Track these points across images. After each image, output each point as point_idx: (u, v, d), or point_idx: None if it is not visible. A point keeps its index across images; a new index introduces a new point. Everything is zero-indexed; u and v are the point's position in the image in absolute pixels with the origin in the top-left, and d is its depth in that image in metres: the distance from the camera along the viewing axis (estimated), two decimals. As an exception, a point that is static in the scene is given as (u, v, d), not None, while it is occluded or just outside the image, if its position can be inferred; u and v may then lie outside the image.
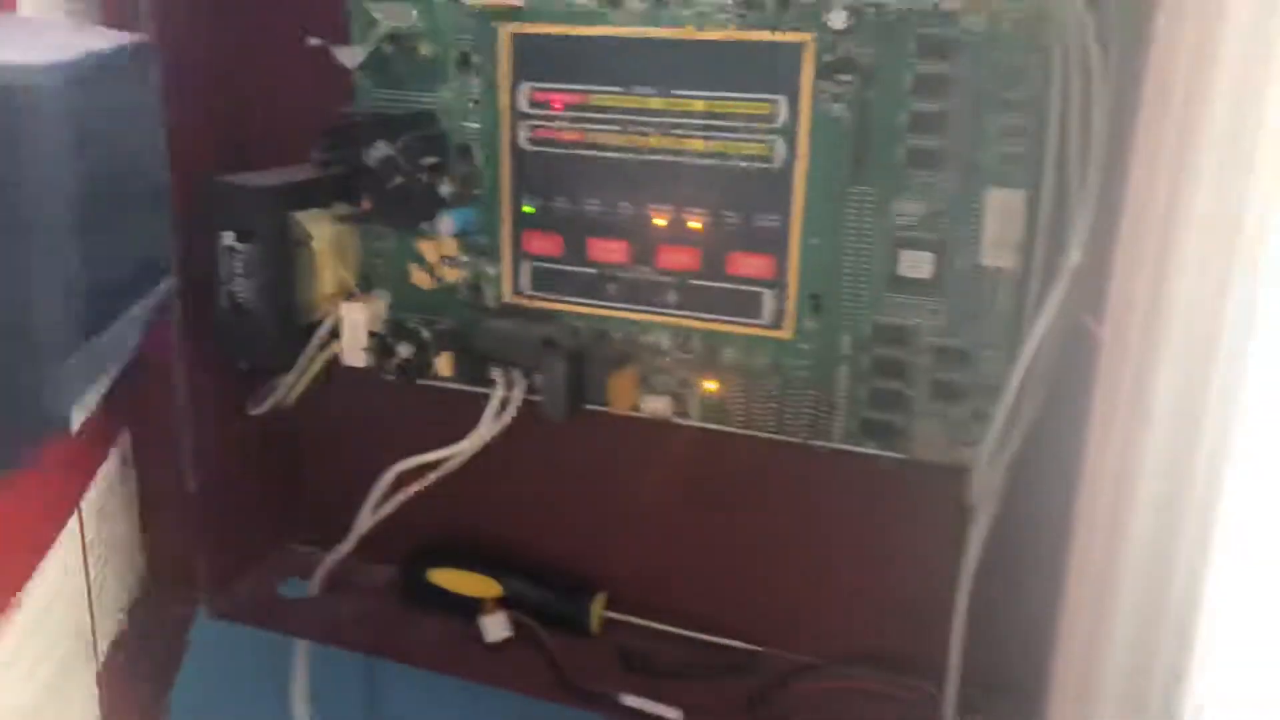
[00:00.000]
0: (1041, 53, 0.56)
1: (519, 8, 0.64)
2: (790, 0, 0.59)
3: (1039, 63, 0.56)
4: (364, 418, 0.76)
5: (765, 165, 0.62)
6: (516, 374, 0.67)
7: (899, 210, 0.60)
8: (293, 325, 0.70)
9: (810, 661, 0.70)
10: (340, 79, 0.70)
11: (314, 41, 0.71)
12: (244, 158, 0.73)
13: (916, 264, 0.60)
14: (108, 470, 0.68)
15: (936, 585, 0.65)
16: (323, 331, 0.70)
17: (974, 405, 0.61)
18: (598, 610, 0.73)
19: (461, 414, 0.70)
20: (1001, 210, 0.59)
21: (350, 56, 0.65)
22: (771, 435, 0.65)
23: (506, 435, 0.69)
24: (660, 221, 0.64)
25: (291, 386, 0.71)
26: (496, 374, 0.68)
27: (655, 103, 0.63)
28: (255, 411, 0.74)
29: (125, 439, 0.70)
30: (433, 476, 0.72)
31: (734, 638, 0.72)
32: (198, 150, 0.70)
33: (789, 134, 0.61)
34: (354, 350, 0.70)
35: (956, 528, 0.64)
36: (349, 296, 0.70)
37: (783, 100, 0.61)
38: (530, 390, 0.68)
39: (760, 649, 0.72)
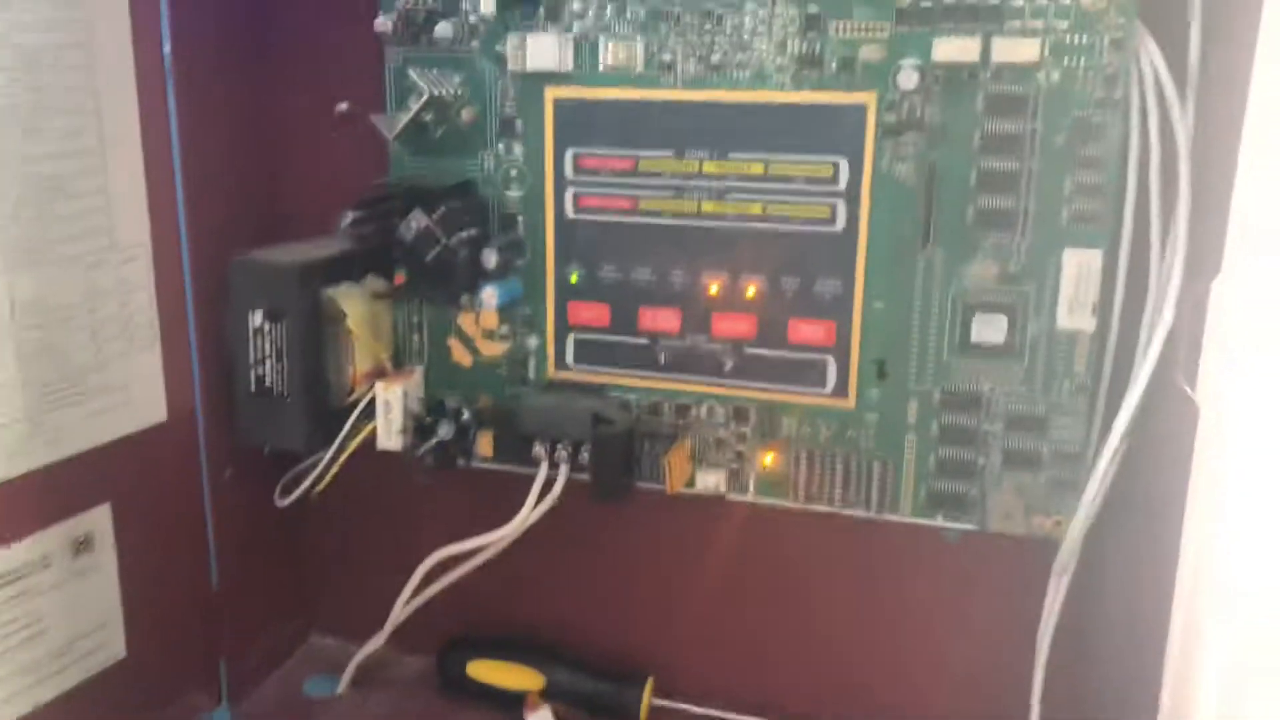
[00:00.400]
0: (1116, 107, 0.55)
1: (565, 73, 0.61)
2: (851, 59, 0.57)
3: (1114, 118, 0.55)
4: (399, 503, 0.73)
5: (826, 229, 0.59)
6: (562, 452, 0.64)
7: (970, 273, 0.58)
8: (326, 409, 0.66)
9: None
10: (375, 148, 0.67)
11: (343, 108, 0.69)
12: (273, 231, 0.70)
13: (990, 328, 0.58)
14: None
15: (1010, 657, 0.62)
16: (357, 414, 0.66)
17: (1050, 473, 0.59)
18: (646, 698, 0.69)
19: (503, 496, 0.66)
20: (1078, 270, 0.56)
21: (388, 125, 0.62)
22: (833, 510, 0.62)
23: (550, 516, 0.66)
24: (715, 289, 0.62)
25: (322, 474, 0.67)
26: (541, 452, 0.64)
27: (710, 166, 0.60)
28: (283, 503, 0.70)
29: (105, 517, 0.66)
30: (472, 563, 0.68)
31: (794, 723, 0.69)
32: (223, 225, 0.67)
33: (851, 196, 0.59)
34: (390, 433, 0.66)
35: (1030, 597, 0.61)
36: (384, 375, 0.67)
37: (844, 161, 0.58)
38: (576, 468, 0.64)
39: (823, 735, 0.68)
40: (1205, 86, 0.54)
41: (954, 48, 0.55)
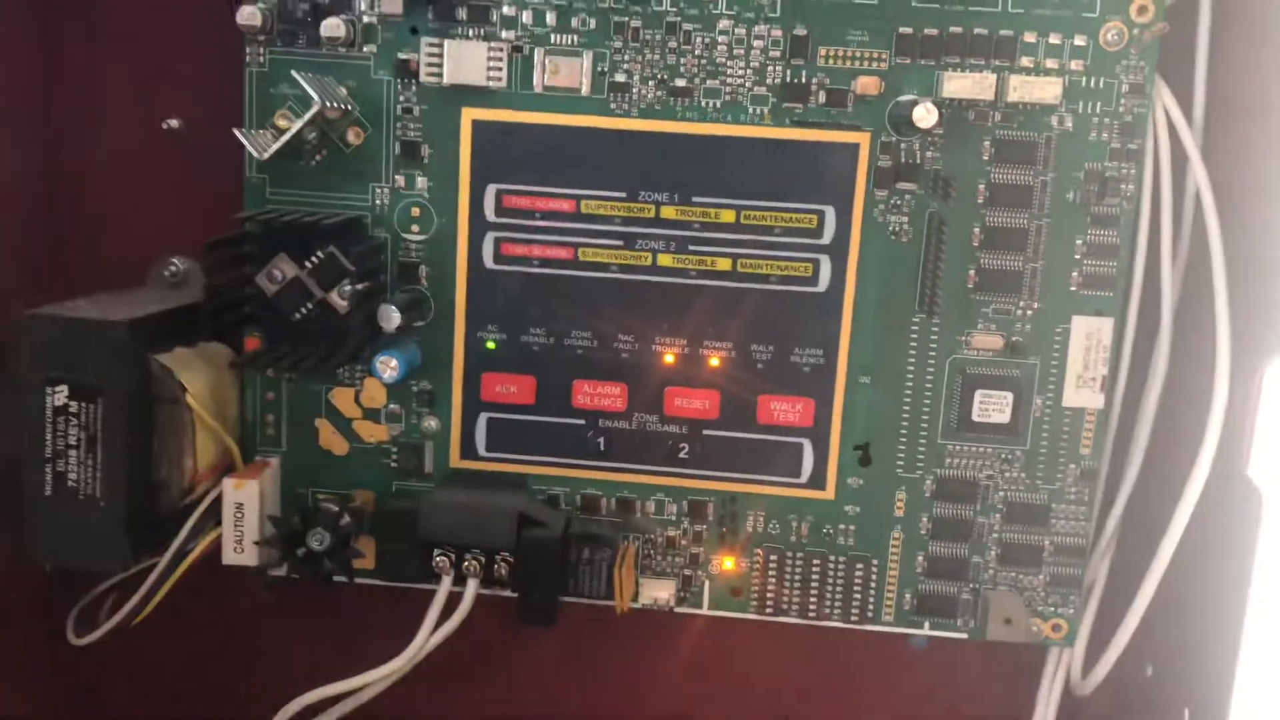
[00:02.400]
0: (1132, 158, 0.49)
1: (491, 91, 0.49)
2: (843, 92, 0.49)
3: (1130, 170, 0.49)
4: (246, 632, 0.56)
5: (807, 289, 0.50)
6: (472, 563, 0.51)
7: (970, 343, 0.50)
8: (151, 517, 0.50)
9: None
10: (219, 177, 0.52)
11: (174, 124, 0.54)
12: (79, 283, 0.53)
13: (994, 406, 0.51)
14: None
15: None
16: (195, 519, 0.50)
17: (1052, 570, 0.52)
18: None
19: (388, 619, 0.52)
20: (1087, 341, 0.50)
21: (258, 143, 0.47)
22: (804, 620, 0.53)
23: (451, 642, 0.52)
24: (670, 358, 0.51)
25: (142, 601, 0.51)
26: (444, 563, 0.51)
27: (669, 212, 0.50)
28: (82, 641, 0.52)
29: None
30: (346, 706, 0.53)
31: None
32: (11, 271, 0.50)
33: (837, 251, 0.50)
34: (243, 544, 0.50)
35: (1024, 708, 0.54)
36: (231, 469, 0.51)
37: (830, 211, 0.50)
38: (490, 582, 0.51)
39: None
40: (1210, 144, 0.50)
41: (967, 83, 0.48)
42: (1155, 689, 0.51)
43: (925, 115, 0.47)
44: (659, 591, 0.52)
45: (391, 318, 0.49)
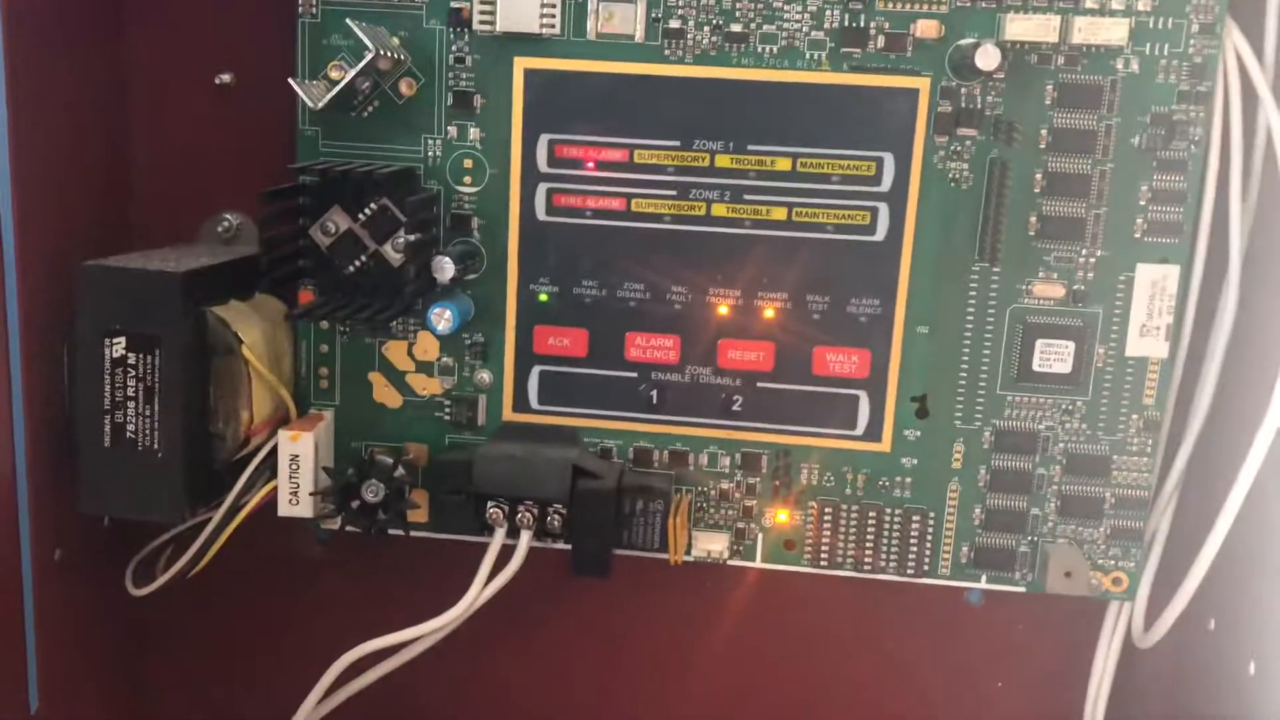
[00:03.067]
0: (1201, 101, 0.48)
1: (543, 39, 0.49)
2: (902, 36, 0.48)
3: (1199, 113, 0.48)
4: (302, 585, 0.57)
5: (864, 238, 0.50)
6: (526, 515, 0.51)
7: (1031, 291, 0.49)
8: (209, 469, 0.50)
9: None
10: (270, 130, 0.52)
11: (225, 79, 0.54)
12: (126, 238, 0.53)
13: (1055, 355, 0.50)
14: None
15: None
16: (251, 471, 0.50)
17: (1112, 522, 0.51)
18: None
19: (441, 571, 0.52)
20: (1152, 288, 0.49)
21: (314, 93, 0.47)
22: (858, 574, 0.52)
23: (503, 596, 0.52)
24: (724, 310, 0.51)
25: (202, 551, 0.51)
26: (497, 515, 0.51)
27: (724, 161, 0.49)
28: (140, 592, 0.53)
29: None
30: (401, 659, 0.53)
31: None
32: (62, 225, 0.50)
33: (896, 199, 0.49)
34: (299, 496, 0.50)
35: (1081, 663, 0.54)
36: (286, 422, 0.52)
37: (889, 158, 0.49)
38: (542, 534, 0.51)
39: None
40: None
41: (1031, 25, 0.47)
42: (1218, 642, 0.50)
43: (988, 58, 0.46)
44: (712, 544, 0.52)
45: (445, 269, 0.48)
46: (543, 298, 0.51)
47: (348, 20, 0.47)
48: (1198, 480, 0.51)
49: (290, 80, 0.47)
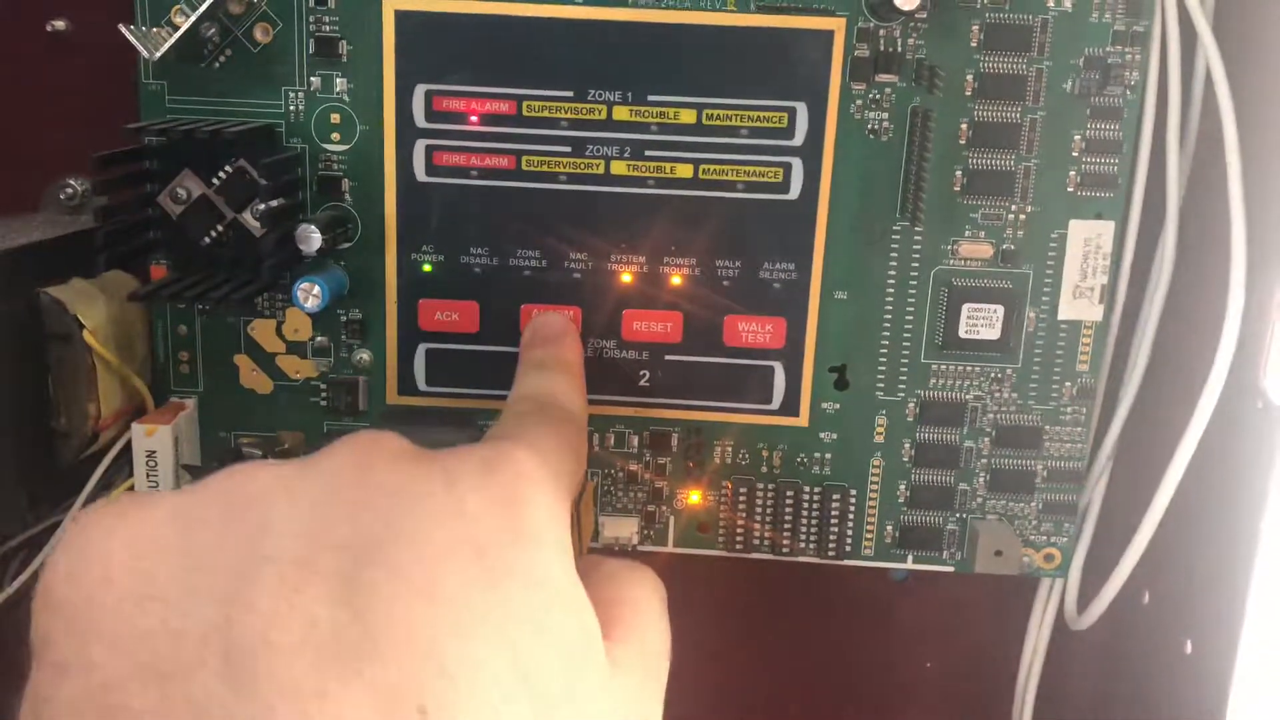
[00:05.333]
0: (1139, 42, 0.44)
1: (415, -25, 0.43)
2: (815, -29, 0.43)
3: (1136, 56, 0.44)
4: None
5: (777, 196, 0.45)
6: (415, 506, 0.46)
7: (957, 252, 0.46)
8: (50, 471, 0.44)
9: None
10: (110, 84, 0.46)
11: (59, 26, 0.47)
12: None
13: (983, 321, 0.46)
14: None
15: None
16: (103, 470, 0.45)
17: (1045, 496, 0.48)
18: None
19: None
20: (1085, 247, 0.46)
21: (148, 41, 0.41)
22: (776, 557, 0.49)
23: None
24: (628, 277, 0.46)
25: (43, 564, 0.46)
26: (383, 509, 0.46)
27: (622, 113, 0.44)
28: (-16, 602, 0.47)
29: None
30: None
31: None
32: None
33: (810, 153, 0.45)
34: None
35: (1013, 640, 0.51)
36: (142, 414, 0.46)
37: (802, 108, 0.44)
38: (435, 527, 0.47)
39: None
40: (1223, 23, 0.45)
41: (956, -42, 0.43)
42: (1153, 618, 0.48)
43: (908, -4, 0.41)
44: (620, 530, 0.48)
45: (311, 239, 0.43)
46: (426, 268, 0.46)
47: (185, -42, 0.41)
48: (1132, 450, 0.48)
49: (121, 27, 0.41)
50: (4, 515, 0.43)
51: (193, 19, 0.41)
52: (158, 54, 0.41)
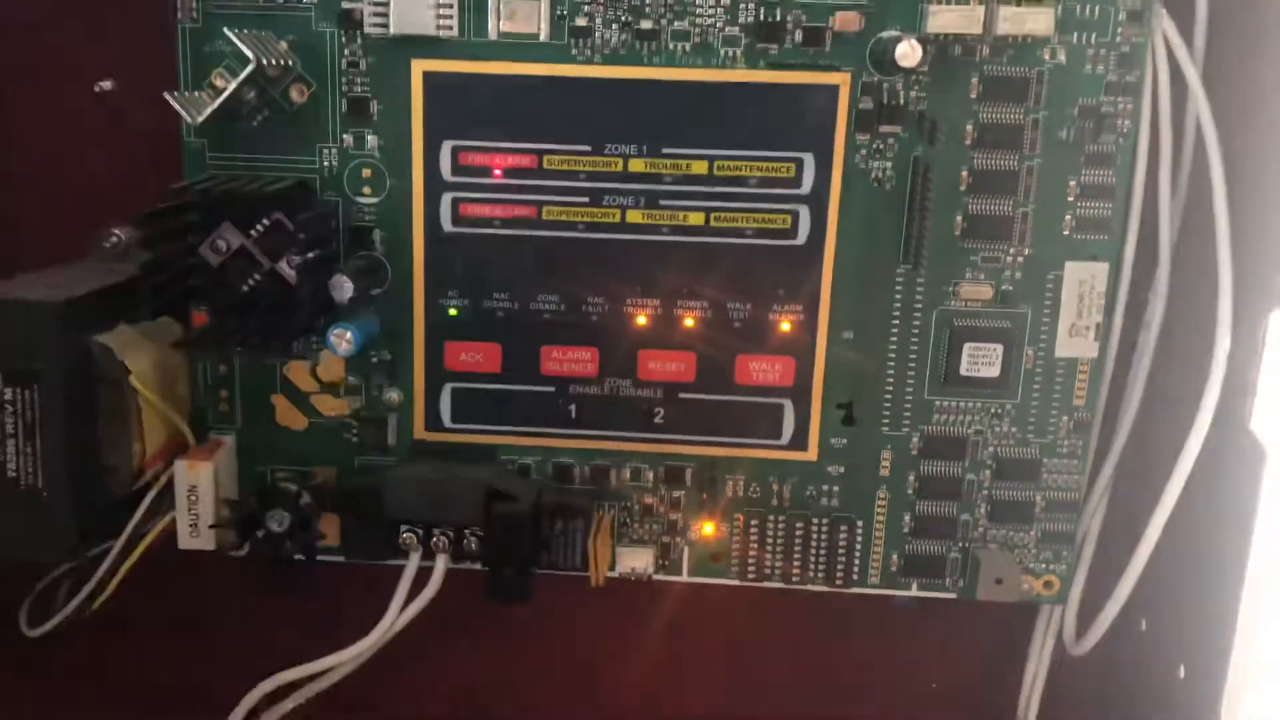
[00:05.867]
0: (1130, 92, 0.46)
1: (442, 40, 0.46)
2: (820, 30, 0.46)
3: (1128, 105, 0.46)
4: (208, 616, 0.54)
5: (785, 242, 0.48)
6: (441, 539, 0.49)
7: (958, 293, 0.48)
8: (99, 505, 0.47)
9: None
10: (154, 143, 0.49)
11: (105, 86, 0.50)
12: (12, 253, 0.50)
13: (983, 359, 0.48)
14: None
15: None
16: (147, 505, 0.48)
17: (1043, 526, 0.50)
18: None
19: (358, 597, 0.50)
20: (1080, 287, 0.48)
21: (192, 105, 0.44)
22: (786, 585, 0.51)
23: (420, 619, 0.50)
24: (643, 319, 0.48)
25: (96, 589, 0.48)
26: (411, 540, 0.49)
27: (638, 165, 0.47)
28: (36, 633, 0.50)
29: None
30: (316, 687, 0.51)
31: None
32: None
33: (817, 201, 0.47)
34: (197, 528, 0.48)
35: (1015, 664, 0.53)
36: (183, 451, 0.49)
37: (809, 159, 0.47)
38: (460, 557, 0.49)
39: None
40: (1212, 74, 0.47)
41: (954, 17, 0.45)
42: (1149, 644, 0.50)
43: (909, 52, 0.44)
44: (636, 560, 0.51)
45: (344, 287, 0.46)
46: (452, 312, 0.49)
47: (226, 30, 0.44)
48: (1127, 481, 0.50)
49: (167, 95, 0.44)
50: (57, 545, 0.46)
51: (232, 86, 0.43)
52: (199, 119, 0.44)
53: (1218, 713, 0.44)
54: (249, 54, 0.43)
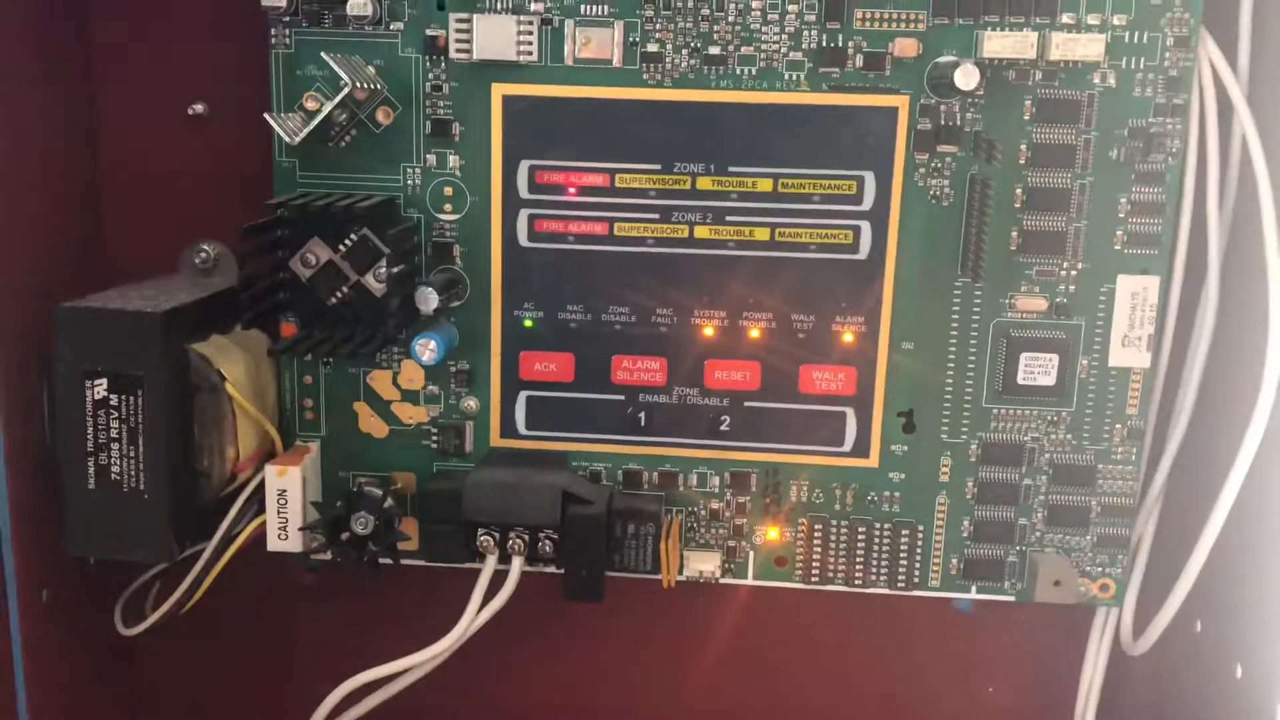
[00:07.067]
0: (1177, 113, 0.48)
1: (521, 65, 0.48)
2: (880, 55, 0.48)
3: (1175, 126, 0.48)
4: (296, 620, 0.57)
5: (847, 256, 0.50)
6: (517, 541, 0.51)
7: (1014, 305, 0.50)
8: (195, 508, 0.49)
9: None
10: (244, 162, 0.52)
11: (198, 110, 0.53)
12: (105, 268, 0.53)
13: (1039, 368, 0.50)
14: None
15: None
16: (239, 508, 0.50)
17: (1099, 530, 0.52)
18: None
19: (436, 600, 0.52)
20: (1132, 300, 0.50)
21: (289, 128, 0.47)
22: (849, 589, 0.53)
23: (498, 619, 0.52)
24: (710, 331, 0.51)
25: (189, 590, 0.51)
26: (488, 543, 0.51)
27: (705, 183, 0.49)
28: (131, 631, 0.52)
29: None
30: (397, 686, 0.53)
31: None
32: (34, 266, 0.50)
33: (877, 217, 0.49)
34: (285, 530, 0.50)
35: (1071, 666, 0.54)
36: (272, 456, 0.51)
37: (869, 177, 0.49)
38: (534, 559, 0.51)
39: None
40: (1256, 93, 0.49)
41: (1008, 42, 0.47)
42: (1205, 645, 0.51)
43: (966, 77, 0.46)
44: (704, 564, 0.52)
45: (430, 300, 0.48)
46: (528, 323, 0.51)
47: (322, 54, 0.46)
48: (1181, 486, 0.52)
49: (266, 115, 0.47)
50: (155, 546, 0.48)
51: (328, 108, 0.46)
52: (298, 139, 0.46)
53: (1275, 712, 0.45)
54: (343, 76, 0.45)
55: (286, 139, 0.47)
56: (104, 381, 0.47)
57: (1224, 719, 0.49)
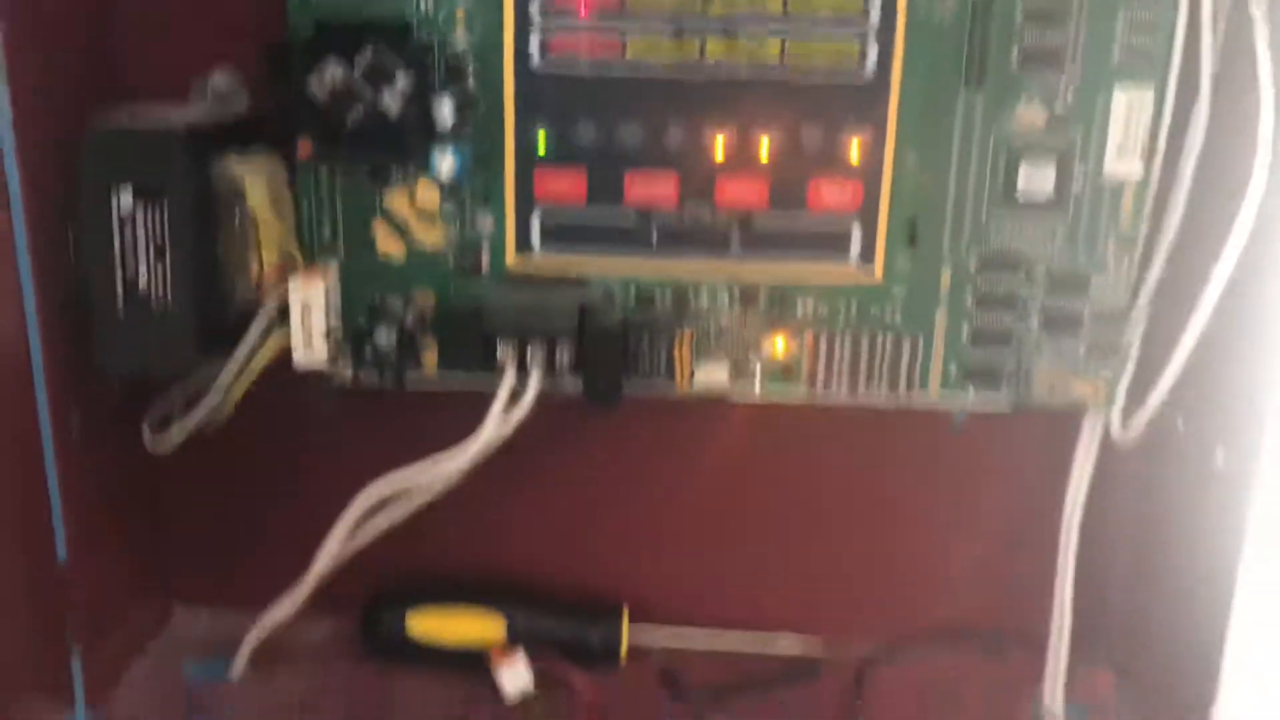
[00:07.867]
0: (1177, -75, 0.49)
1: (533, -125, 0.49)
2: None
3: (1174, -62, 0.49)
4: (312, 435, 0.59)
5: (854, 71, 0.51)
6: (534, 354, 0.52)
7: (1016, 118, 0.51)
8: (223, 319, 0.51)
9: (879, 648, 0.62)
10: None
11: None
12: (116, 98, 0.53)
13: (1038, 177, 0.52)
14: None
15: (1036, 551, 0.58)
16: (264, 321, 0.52)
17: (1091, 335, 0.54)
18: (625, 631, 0.60)
19: (448, 419, 0.53)
20: (1128, 110, 0.51)
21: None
22: (850, 401, 0.55)
23: (515, 440, 0.54)
24: (720, 148, 0.52)
25: (217, 405, 0.52)
26: (505, 357, 0.53)
27: (717, 6, 0.50)
28: (159, 445, 0.54)
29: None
30: (418, 497, 0.55)
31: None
32: (53, 86, 0.50)
33: (883, 33, 0.50)
34: (311, 344, 0.52)
35: (1059, 474, 0.57)
36: (294, 271, 0.52)
37: (876, -8, 0.50)
38: (552, 371, 0.53)
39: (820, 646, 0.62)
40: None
41: None
42: (1187, 439, 0.54)
43: (975, -117, 0.47)
44: (714, 375, 0.54)
45: (446, 112, 0.49)
46: (540, 143, 0.52)
47: None
48: (1169, 294, 0.54)
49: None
50: (179, 359, 0.50)
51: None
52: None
53: (1252, 492, 0.48)
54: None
55: (301, -49, 0.47)
56: (129, 191, 0.48)
57: (1204, 505, 0.52)
